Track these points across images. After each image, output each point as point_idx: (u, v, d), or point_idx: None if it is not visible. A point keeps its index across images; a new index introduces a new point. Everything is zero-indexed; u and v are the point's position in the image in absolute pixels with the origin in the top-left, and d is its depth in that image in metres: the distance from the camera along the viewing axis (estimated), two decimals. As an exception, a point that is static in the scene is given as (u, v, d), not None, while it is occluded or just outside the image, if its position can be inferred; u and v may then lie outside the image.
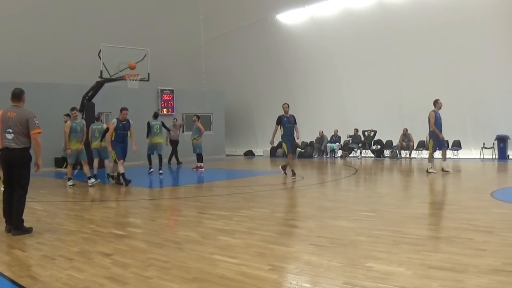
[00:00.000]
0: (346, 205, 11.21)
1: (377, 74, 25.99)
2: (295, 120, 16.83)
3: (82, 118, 22.51)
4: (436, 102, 16.92)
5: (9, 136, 8.33)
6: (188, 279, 5.53)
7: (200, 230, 8.33)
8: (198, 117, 21.83)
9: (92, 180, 16.05)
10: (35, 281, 5.60)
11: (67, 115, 17.74)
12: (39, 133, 8.47)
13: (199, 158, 21.27)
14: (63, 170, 21.75)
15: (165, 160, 21.96)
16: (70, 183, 15.85)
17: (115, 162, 16.23)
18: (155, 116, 20.90)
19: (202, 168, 20.94)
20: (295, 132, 16.85)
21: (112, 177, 16.75)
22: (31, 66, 24.98)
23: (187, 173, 20.88)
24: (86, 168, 16.03)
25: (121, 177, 15.77)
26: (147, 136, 20.34)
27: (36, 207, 11.61)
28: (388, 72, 25.51)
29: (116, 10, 27.79)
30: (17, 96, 8.67)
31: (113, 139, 15.75)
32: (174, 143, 24.55)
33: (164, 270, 5.90)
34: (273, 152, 31.20)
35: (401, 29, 24.09)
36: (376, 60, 25.70)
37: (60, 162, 22.49)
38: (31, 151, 8.61)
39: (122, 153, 15.93)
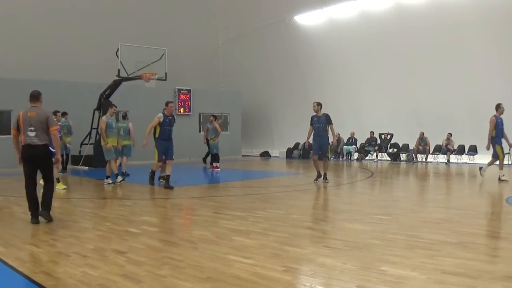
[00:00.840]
0: (361, 208, 11.14)
1: (394, 76, 25.86)
2: (328, 120, 15.84)
3: (99, 116, 22.74)
4: (498, 107, 15.80)
5: (31, 134, 8.99)
6: (202, 278, 5.51)
7: (215, 230, 8.31)
8: (215, 117, 21.85)
9: (109, 180, 15.91)
10: (49, 277, 5.60)
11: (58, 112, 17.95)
12: (57, 129, 9.40)
13: (216, 158, 21.28)
14: (79, 167, 21.87)
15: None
16: (118, 179, 15.88)
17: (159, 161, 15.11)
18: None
19: (218, 168, 20.95)
20: (330, 132, 16.03)
21: (163, 177, 16.57)
22: (49, 65, 25.12)
23: (203, 173, 20.89)
24: (113, 166, 15.95)
25: (155, 179, 15.35)
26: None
27: (52, 204, 11.62)
28: (405, 75, 25.37)
29: (134, 10, 27.88)
30: (36, 97, 9.41)
31: (157, 136, 14.67)
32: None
33: (178, 269, 5.88)
34: (289, 153, 31.16)
35: (418, 32, 23.93)
36: (393, 63, 25.57)
37: (76, 159, 22.60)
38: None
39: (168, 153, 14.82)
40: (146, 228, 8.58)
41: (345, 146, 28.51)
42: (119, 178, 15.96)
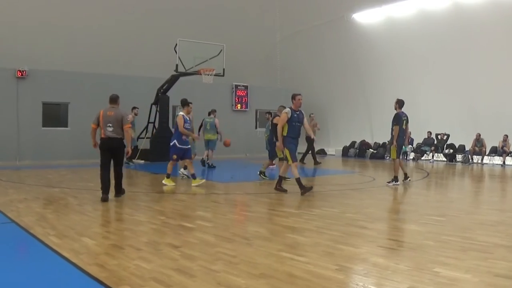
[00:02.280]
0: (416, 208, 11.03)
1: (451, 76, 25.29)
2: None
3: (157, 111, 22.94)
4: None
5: (110, 129, 11.09)
6: (255, 275, 5.48)
7: (269, 226, 8.28)
8: (271, 114, 21.79)
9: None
10: (102, 269, 5.63)
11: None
12: (129, 126, 11.48)
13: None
14: (135, 161, 22.12)
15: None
16: (180, 174, 16.03)
17: (280, 160, 14.19)
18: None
19: (274, 165, 20.85)
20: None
21: (263, 173, 16.59)
22: (108, 59, 25.47)
23: (257, 169, 20.87)
24: (189, 165, 15.87)
25: (279, 183, 13.40)
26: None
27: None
28: (462, 75, 24.78)
29: (193, 5, 28.02)
30: (114, 100, 11.50)
31: (285, 134, 12.70)
32: (310, 140, 22.30)
33: (231, 265, 5.86)
34: (345, 151, 30.91)
35: (476, 31, 23.31)
36: (450, 63, 25.00)
37: (132, 153, 22.93)
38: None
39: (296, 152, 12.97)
40: (201, 223, 8.58)
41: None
42: (182, 173, 16.15)
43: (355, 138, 31.00)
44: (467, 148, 25.62)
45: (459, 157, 26.20)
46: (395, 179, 14.80)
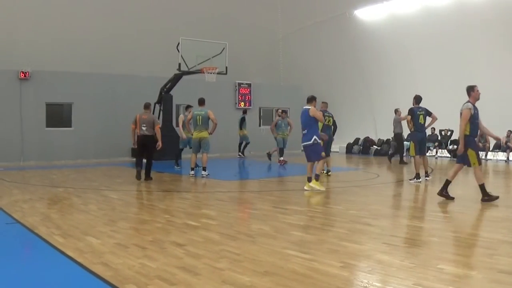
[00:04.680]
0: (420, 204, 11.08)
1: (454, 73, 25.18)
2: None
3: (160, 110, 22.94)
4: None
5: (144, 128, 14.50)
6: (260, 272, 5.48)
7: (274, 224, 8.25)
8: (286, 112, 21.95)
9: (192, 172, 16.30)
10: (107, 268, 5.64)
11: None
12: (159, 126, 14.82)
13: (280, 152, 21.31)
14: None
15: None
16: (205, 173, 15.98)
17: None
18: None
19: (283, 162, 20.94)
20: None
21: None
22: (111, 59, 25.46)
23: (263, 167, 20.89)
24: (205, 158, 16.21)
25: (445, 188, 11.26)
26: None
27: (112, 196, 11.84)
28: (465, 72, 24.66)
29: (195, 4, 28.01)
30: (147, 107, 15.13)
31: (468, 132, 10.99)
32: (399, 137, 22.32)
33: (236, 263, 5.86)
34: (349, 148, 30.88)
35: (480, 27, 23.22)
36: (453, 60, 24.92)
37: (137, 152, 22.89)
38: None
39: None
40: (205, 221, 8.59)
41: (405, 142, 28.01)
42: (192, 172, 16.25)
43: (359, 135, 30.95)
44: (470, 145, 25.55)
45: (462, 153, 26.12)
46: (417, 176, 14.67)
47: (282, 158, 21.04)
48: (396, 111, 21.66)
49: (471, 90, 11.40)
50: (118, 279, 5.24)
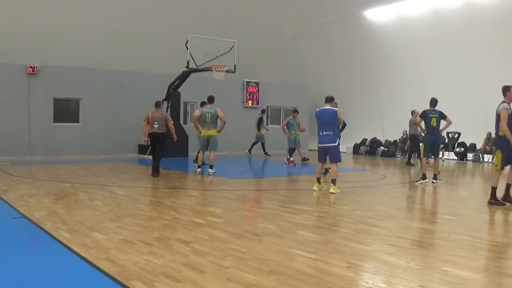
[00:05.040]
0: (427, 207, 11.10)
1: (462, 75, 25.10)
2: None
3: (168, 107, 22.96)
4: None
5: (156, 125, 15.00)
6: (265, 271, 5.47)
7: (280, 223, 8.23)
8: (297, 111, 21.79)
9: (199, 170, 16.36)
10: (112, 264, 5.63)
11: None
12: (172, 123, 15.45)
13: (291, 151, 21.14)
14: (146, 156, 22.12)
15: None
16: (211, 171, 15.99)
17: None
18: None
19: (291, 161, 20.84)
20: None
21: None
22: (119, 55, 25.53)
23: (270, 166, 20.87)
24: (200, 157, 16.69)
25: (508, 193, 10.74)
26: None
27: (118, 192, 11.84)
28: (473, 74, 24.61)
29: (204, 1, 28.03)
30: (158, 105, 15.58)
31: (502, 133, 10.71)
32: (414, 138, 21.65)
33: (241, 261, 5.85)
34: (356, 149, 30.83)
35: (488, 29, 23.09)
36: (462, 61, 24.83)
37: (144, 148, 22.86)
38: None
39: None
40: (211, 219, 8.58)
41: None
42: (199, 169, 16.31)
43: (366, 136, 30.87)
44: (478, 147, 25.45)
45: (470, 155, 26.03)
46: (423, 176, 14.56)
47: (291, 158, 20.84)
48: (413, 112, 21.49)
49: (507, 90, 11.14)
50: (124, 275, 5.23)
